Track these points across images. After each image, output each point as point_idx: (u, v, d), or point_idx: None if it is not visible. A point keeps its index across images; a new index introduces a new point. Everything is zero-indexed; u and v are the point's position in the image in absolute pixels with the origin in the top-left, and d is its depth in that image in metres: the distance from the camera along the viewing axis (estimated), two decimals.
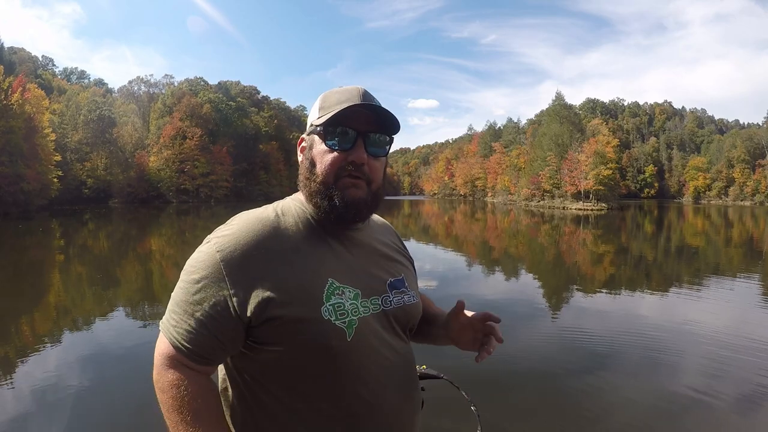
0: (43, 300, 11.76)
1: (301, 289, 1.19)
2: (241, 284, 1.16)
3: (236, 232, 1.21)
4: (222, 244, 1.19)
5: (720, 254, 22.64)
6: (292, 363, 1.20)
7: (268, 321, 1.16)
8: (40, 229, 33.13)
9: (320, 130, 1.29)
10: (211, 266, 1.17)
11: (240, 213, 1.28)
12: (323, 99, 1.34)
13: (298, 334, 1.17)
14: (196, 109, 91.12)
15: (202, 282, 1.16)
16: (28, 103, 52.74)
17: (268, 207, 1.32)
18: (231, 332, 1.17)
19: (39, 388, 5.96)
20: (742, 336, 8.44)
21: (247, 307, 1.15)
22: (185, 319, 1.17)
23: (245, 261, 1.17)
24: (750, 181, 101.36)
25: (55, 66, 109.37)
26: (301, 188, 1.35)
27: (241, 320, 1.16)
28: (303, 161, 1.35)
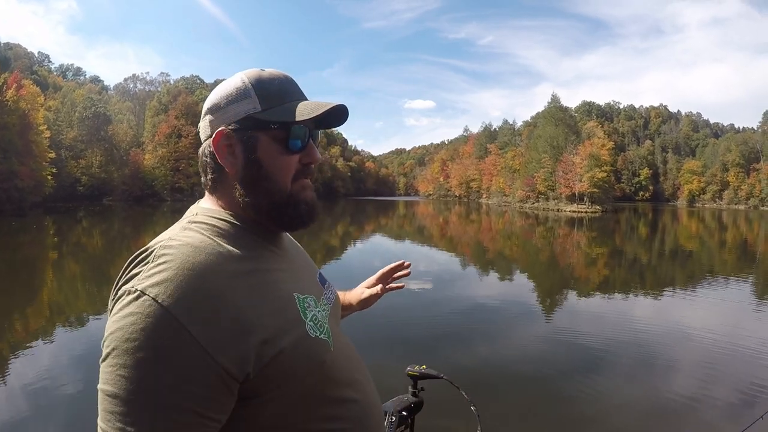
0: (36, 298, 11.71)
1: (280, 315, 0.97)
2: (219, 337, 0.85)
3: (176, 271, 0.86)
4: (164, 292, 0.83)
5: (714, 257, 22.74)
6: (293, 398, 0.98)
7: (265, 367, 0.91)
8: (34, 227, 33.04)
9: (277, 129, 1.03)
10: (162, 327, 0.81)
11: (154, 245, 0.92)
12: (259, 86, 1.04)
13: (296, 366, 0.97)
14: (192, 108, 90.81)
15: (159, 354, 0.81)
16: (23, 100, 52.47)
17: (187, 229, 0.99)
18: (227, 402, 0.88)
19: (31, 387, 5.93)
20: (735, 338, 8.48)
21: (241, 363, 0.87)
22: (157, 416, 0.80)
23: (207, 305, 0.86)
24: (744, 185, 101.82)
25: (51, 62, 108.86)
26: (234, 200, 1.05)
27: (237, 381, 0.87)
28: (238, 165, 1.03)
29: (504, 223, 47.06)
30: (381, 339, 8.17)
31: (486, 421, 1.91)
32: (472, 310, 10.75)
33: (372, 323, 8.76)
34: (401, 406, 2.01)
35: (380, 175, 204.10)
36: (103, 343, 0.86)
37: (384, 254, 21.72)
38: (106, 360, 0.85)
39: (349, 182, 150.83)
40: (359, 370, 1.17)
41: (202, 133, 1.08)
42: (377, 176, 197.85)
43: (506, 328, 9.42)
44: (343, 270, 16.20)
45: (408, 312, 10.08)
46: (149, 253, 0.90)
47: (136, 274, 0.87)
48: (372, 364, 1.61)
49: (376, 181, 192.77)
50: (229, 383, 0.86)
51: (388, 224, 43.45)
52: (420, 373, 2.05)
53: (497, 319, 10.10)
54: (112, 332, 0.84)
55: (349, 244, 26.07)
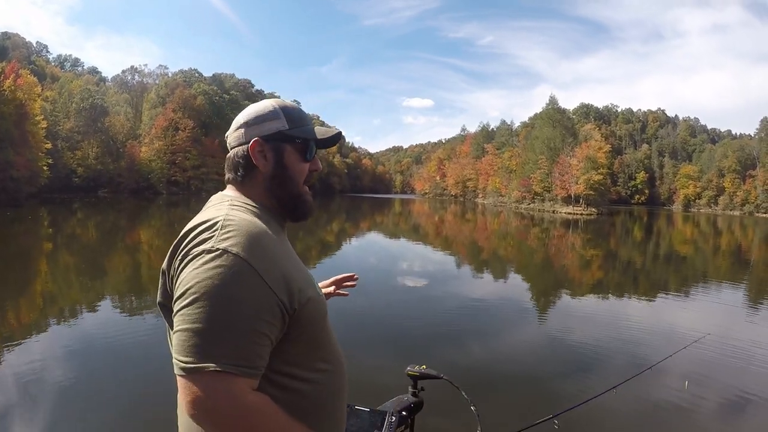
0: (30, 289, 11.68)
1: (305, 274, 1.32)
2: (277, 280, 1.18)
3: (245, 235, 1.18)
4: (242, 249, 1.14)
5: (708, 262, 22.82)
6: (310, 338, 1.29)
7: (301, 307, 1.22)
8: (29, 217, 32.88)
9: (299, 143, 1.42)
10: (244, 272, 1.12)
11: (217, 218, 1.22)
12: (286, 112, 1.42)
13: (315, 312, 1.29)
14: (189, 101, 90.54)
15: (243, 291, 1.11)
16: (20, 90, 52.19)
17: (235, 210, 1.30)
18: (280, 331, 1.19)
19: (23, 378, 5.92)
20: (728, 341, 8.50)
21: (291, 301, 1.19)
22: (243, 337, 1.10)
23: (268, 259, 1.18)
24: (740, 191, 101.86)
25: (49, 53, 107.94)
26: (263, 192, 1.40)
27: (288, 314, 1.19)
28: (270, 167, 1.39)
29: (500, 223, 47.08)
30: (381, 339, 8.18)
31: (486, 421, 1.90)
32: (471, 310, 10.76)
33: (372, 323, 8.78)
34: (401, 406, 2.00)
35: (377, 172, 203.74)
36: (186, 291, 1.10)
37: (379, 252, 21.74)
38: (195, 303, 1.08)
39: (346, 179, 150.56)
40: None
41: (234, 141, 1.40)
42: (374, 173, 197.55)
43: (505, 329, 9.44)
44: (340, 268, 16.18)
45: (408, 312, 10.11)
46: (215, 223, 1.19)
47: (208, 239, 1.16)
48: (372, 364, 1.60)
49: (372, 179, 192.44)
50: (284, 315, 1.18)
51: (384, 222, 43.45)
52: (420, 373, 2.05)
53: (496, 319, 10.12)
54: (200, 281, 1.09)
55: (344, 241, 26.08)
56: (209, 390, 1.07)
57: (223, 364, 1.06)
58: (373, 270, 16.15)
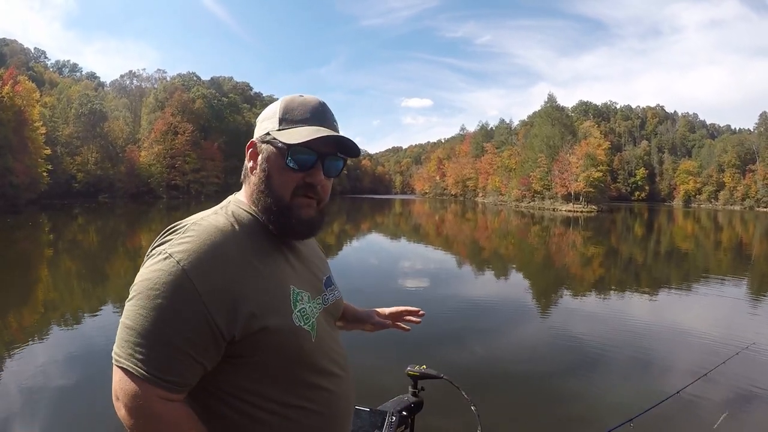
0: (31, 295, 11.68)
1: (273, 299, 1.18)
2: (218, 301, 1.08)
3: (199, 244, 1.10)
4: (186, 258, 1.08)
5: (709, 258, 22.80)
6: (269, 369, 1.19)
7: (249, 335, 1.12)
8: (29, 224, 32.92)
9: (281, 147, 1.24)
10: (178, 284, 1.06)
11: (188, 222, 1.18)
12: (285, 109, 1.28)
13: (276, 343, 1.17)
14: (188, 105, 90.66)
15: (171, 303, 1.05)
16: (18, 96, 52.34)
17: (217, 214, 1.23)
18: (214, 353, 1.10)
19: (26, 384, 5.91)
20: (730, 338, 8.48)
21: (229, 325, 1.10)
22: (159, 348, 1.05)
23: (216, 274, 1.09)
24: (740, 186, 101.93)
25: (47, 58, 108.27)
26: (251, 197, 1.29)
27: (224, 339, 1.10)
28: (255, 170, 1.29)
29: (500, 222, 47.08)
30: (381, 339, 8.14)
31: (486, 421, 1.90)
32: (472, 309, 10.74)
33: None
34: (401, 406, 2.01)
35: (376, 173, 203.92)
36: (132, 287, 1.10)
37: (379, 252, 21.74)
38: (131, 300, 1.08)
39: (346, 180, 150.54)
40: (340, 367, 1.36)
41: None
42: (374, 174, 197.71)
43: (505, 328, 9.44)
44: (341, 269, 16.19)
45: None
46: (182, 226, 1.15)
47: (168, 240, 1.13)
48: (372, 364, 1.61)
49: (372, 180, 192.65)
50: (217, 338, 1.08)
51: (384, 222, 43.45)
52: (420, 373, 2.05)
53: (496, 318, 10.11)
54: (141, 280, 1.09)
55: (345, 242, 26.06)
56: (121, 385, 1.07)
57: (135, 367, 1.05)
58: (373, 270, 16.15)
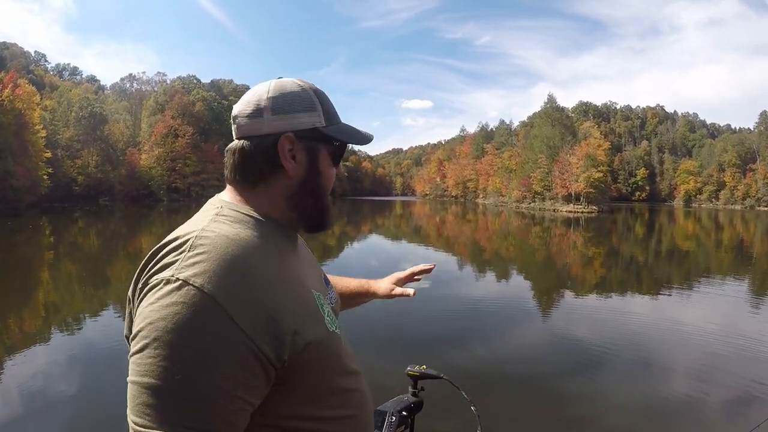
0: (32, 298, 11.67)
1: (307, 308, 1.02)
2: (260, 325, 0.88)
3: (218, 260, 0.88)
4: (208, 281, 0.85)
5: (710, 257, 22.80)
6: (309, 387, 1.02)
7: (296, 355, 0.94)
8: (30, 227, 32.94)
9: (336, 146, 1.16)
10: (208, 315, 0.83)
11: (188, 235, 0.93)
12: (321, 100, 1.14)
13: (319, 357, 1.01)
14: (188, 108, 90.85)
15: (206, 342, 0.82)
16: (18, 100, 52.39)
17: (218, 221, 0.99)
18: (264, 389, 0.91)
19: (27, 388, 5.92)
20: (732, 338, 8.49)
21: (278, 350, 0.90)
22: (204, 403, 0.81)
23: (248, 294, 0.88)
24: (741, 185, 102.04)
25: (47, 62, 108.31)
26: (281, 198, 1.10)
27: (274, 368, 0.91)
28: (301, 172, 1.10)
29: (500, 223, 47.09)
30: (381, 339, 8.17)
31: (486, 421, 1.90)
32: (471, 310, 10.75)
33: (372, 323, 8.77)
34: (401, 406, 2.00)
35: (377, 175, 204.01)
36: (137, 334, 0.85)
37: (380, 254, 21.74)
38: (144, 351, 0.83)
39: (346, 182, 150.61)
40: (356, 363, 1.24)
41: (249, 129, 1.07)
42: (374, 176, 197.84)
43: (505, 328, 9.44)
44: (342, 270, 16.19)
45: (408, 312, 10.09)
46: (183, 242, 0.91)
47: (171, 263, 0.88)
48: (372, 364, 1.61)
49: (372, 181, 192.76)
50: (268, 369, 0.89)
51: (385, 224, 43.48)
52: (420, 373, 2.05)
53: (496, 319, 10.11)
54: (152, 322, 0.83)
55: (346, 244, 26.06)
56: None
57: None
58: (374, 271, 16.15)
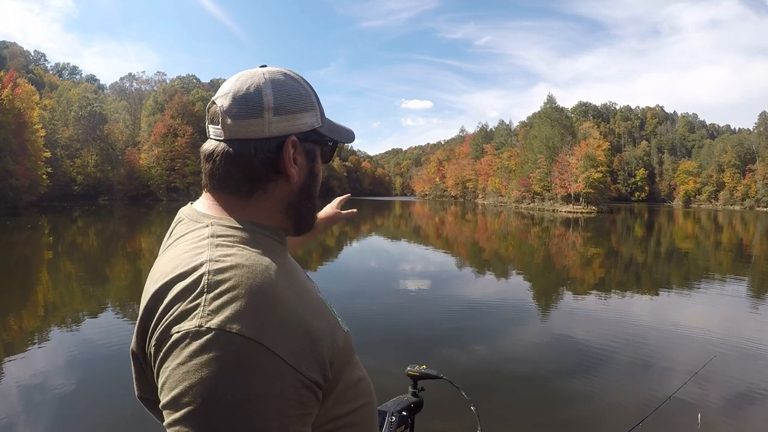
0: (31, 297, 11.67)
1: (328, 321, 0.95)
2: (305, 356, 0.82)
3: (250, 298, 0.79)
4: (249, 324, 0.76)
5: (710, 258, 22.79)
6: (345, 385, 0.96)
7: (334, 367, 0.90)
8: (29, 226, 32.89)
9: (330, 146, 1.09)
10: (259, 362, 0.75)
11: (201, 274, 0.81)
12: (317, 99, 1.05)
13: (346, 358, 0.96)
14: (188, 107, 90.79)
15: (263, 392, 0.75)
16: (18, 99, 52.38)
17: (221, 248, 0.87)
18: (315, 412, 0.86)
19: (25, 387, 5.91)
20: (731, 339, 8.49)
21: (324, 373, 0.85)
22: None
23: (286, 327, 0.81)
24: (740, 186, 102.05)
25: (47, 61, 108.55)
26: (281, 205, 1.01)
27: (321, 389, 0.85)
28: (302, 177, 1.02)
29: (500, 223, 47.06)
30: (381, 339, 8.17)
31: (486, 421, 1.90)
32: (472, 310, 10.74)
33: (373, 324, 8.78)
34: (401, 406, 2.00)
35: (376, 175, 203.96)
36: (177, 399, 0.74)
37: (380, 254, 21.73)
38: (192, 420, 0.73)
39: (346, 182, 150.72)
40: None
41: (243, 130, 0.95)
42: (373, 176, 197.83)
43: (505, 329, 9.43)
44: (341, 271, 16.21)
45: (408, 312, 10.10)
46: (196, 281, 0.81)
47: (191, 310, 0.78)
48: (372, 365, 1.60)
49: (372, 181, 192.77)
50: (318, 394, 0.84)
51: (384, 224, 43.43)
52: (420, 373, 2.05)
53: (496, 319, 10.11)
54: (192, 384, 0.73)
55: (345, 244, 26.05)
56: None
57: None
58: (374, 271, 16.16)
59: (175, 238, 0.98)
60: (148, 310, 0.83)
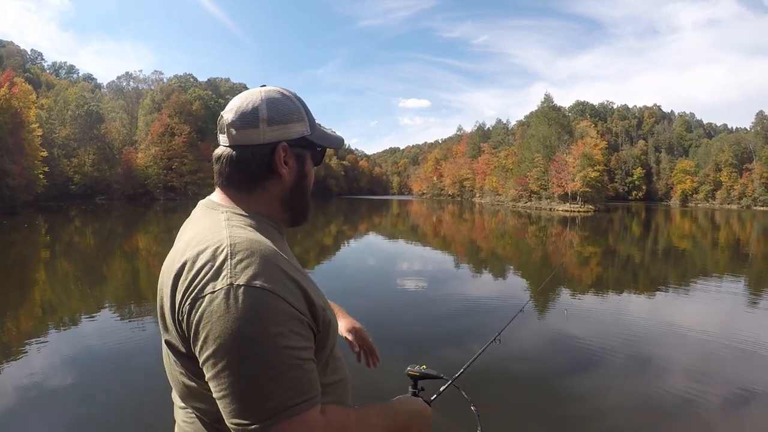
0: (28, 297, 11.64)
1: (319, 293, 1.19)
2: (307, 305, 1.08)
3: (260, 262, 1.03)
4: (264, 280, 1.01)
5: (707, 257, 22.83)
6: (329, 355, 1.22)
7: (324, 329, 1.15)
8: (26, 226, 32.80)
9: (319, 150, 1.33)
10: (277, 306, 1.00)
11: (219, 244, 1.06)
12: (306, 112, 1.29)
13: (332, 332, 1.20)
14: (185, 106, 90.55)
15: (283, 328, 1.00)
16: (15, 98, 52.24)
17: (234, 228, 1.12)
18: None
19: (22, 386, 5.90)
20: (728, 338, 8.51)
21: (316, 322, 1.11)
22: (298, 373, 1.01)
23: (290, 283, 1.06)
24: (737, 185, 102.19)
25: (44, 60, 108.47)
26: (276, 200, 1.26)
27: (315, 336, 1.11)
28: (292, 177, 1.27)
29: (497, 222, 47.09)
30: (381, 339, 8.08)
31: (486, 421, 1.89)
32: (471, 309, 10.75)
33: (372, 324, 8.71)
34: None
35: (374, 174, 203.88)
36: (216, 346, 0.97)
37: (377, 253, 21.73)
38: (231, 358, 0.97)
39: (343, 181, 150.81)
40: None
41: (244, 138, 1.20)
42: (371, 175, 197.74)
43: (506, 328, 9.43)
44: (339, 270, 16.21)
45: (408, 312, 10.10)
46: (218, 251, 1.04)
47: (219, 273, 1.01)
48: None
49: (369, 180, 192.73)
50: (314, 335, 1.10)
51: (382, 223, 43.45)
52: (420, 373, 2.04)
53: (496, 319, 10.10)
54: (229, 330, 0.96)
55: (342, 243, 26.07)
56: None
57: (288, 410, 0.98)
58: (372, 271, 16.16)
59: (194, 220, 1.24)
60: (179, 275, 1.06)
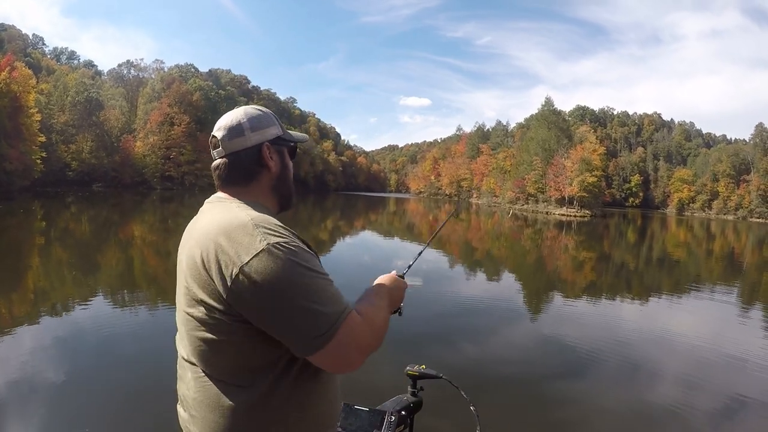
0: (22, 283, 11.61)
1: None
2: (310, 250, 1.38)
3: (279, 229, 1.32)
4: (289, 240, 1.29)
5: (701, 266, 22.92)
6: None
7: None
8: (21, 211, 32.69)
9: (293, 146, 1.65)
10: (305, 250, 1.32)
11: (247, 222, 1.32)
12: (277, 119, 1.60)
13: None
14: (185, 96, 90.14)
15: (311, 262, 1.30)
16: (14, 82, 51.96)
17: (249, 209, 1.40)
18: None
19: (15, 373, 5.88)
20: (719, 346, 8.56)
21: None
22: (334, 289, 1.33)
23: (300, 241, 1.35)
24: (734, 196, 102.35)
25: (45, 45, 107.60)
26: (269, 190, 1.56)
27: None
28: (277, 168, 1.56)
29: (493, 223, 47.12)
30: None
31: (485, 421, 1.89)
32: (471, 310, 10.78)
33: None
34: (401, 405, 2.00)
35: (372, 170, 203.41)
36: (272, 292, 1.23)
37: (373, 250, 21.75)
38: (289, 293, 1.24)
39: (341, 177, 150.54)
40: None
41: (236, 146, 1.48)
42: (369, 172, 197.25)
43: (505, 329, 9.49)
44: (336, 267, 16.20)
45: (406, 312, 10.07)
46: (245, 225, 1.30)
47: (253, 240, 1.26)
48: (371, 364, 1.59)
49: (367, 177, 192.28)
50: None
51: (378, 220, 43.46)
52: (419, 373, 2.04)
53: (496, 319, 10.14)
54: (278, 276, 1.23)
55: (338, 239, 26.06)
56: (347, 333, 1.30)
57: (342, 314, 1.30)
58: (368, 269, 16.14)
59: (205, 211, 1.48)
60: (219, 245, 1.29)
